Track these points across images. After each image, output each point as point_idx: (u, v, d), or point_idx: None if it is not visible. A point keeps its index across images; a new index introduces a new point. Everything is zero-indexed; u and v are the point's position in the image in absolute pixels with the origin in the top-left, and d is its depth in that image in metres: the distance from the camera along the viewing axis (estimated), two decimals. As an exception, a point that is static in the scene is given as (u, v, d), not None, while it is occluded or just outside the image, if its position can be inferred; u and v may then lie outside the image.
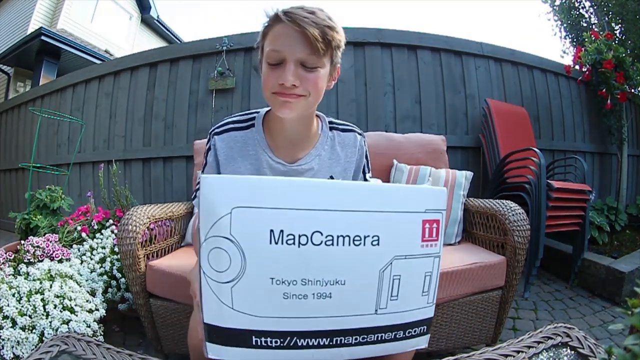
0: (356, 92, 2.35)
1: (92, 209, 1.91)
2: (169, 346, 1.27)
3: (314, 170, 0.78)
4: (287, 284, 0.43)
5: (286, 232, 0.43)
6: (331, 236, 0.44)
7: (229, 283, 0.43)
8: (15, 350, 0.99)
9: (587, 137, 2.96)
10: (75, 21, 7.31)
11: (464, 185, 1.62)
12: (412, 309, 0.49)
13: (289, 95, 0.66)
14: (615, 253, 2.11)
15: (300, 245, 0.43)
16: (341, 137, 0.82)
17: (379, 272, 0.46)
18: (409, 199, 0.47)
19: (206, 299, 0.44)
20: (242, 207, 0.42)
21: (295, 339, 0.45)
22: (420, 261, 0.48)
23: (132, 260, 1.16)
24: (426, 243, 0.48)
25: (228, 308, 0.43)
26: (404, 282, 0.47)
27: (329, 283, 0.44)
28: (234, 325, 0.44)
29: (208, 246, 0.43)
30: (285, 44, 0.64)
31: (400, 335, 0.49)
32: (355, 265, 0.45)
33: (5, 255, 1.38)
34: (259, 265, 0.43)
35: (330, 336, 0.46)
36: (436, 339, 1.20)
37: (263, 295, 0.43)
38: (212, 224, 0.42)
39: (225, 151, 0.77)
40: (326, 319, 0.45)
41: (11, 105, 3.86)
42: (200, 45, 2.46)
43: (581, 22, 3.53)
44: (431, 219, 0.48)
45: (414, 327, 0.50)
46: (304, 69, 0.65)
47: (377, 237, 0.45)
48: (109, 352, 0.50)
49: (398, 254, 0.47)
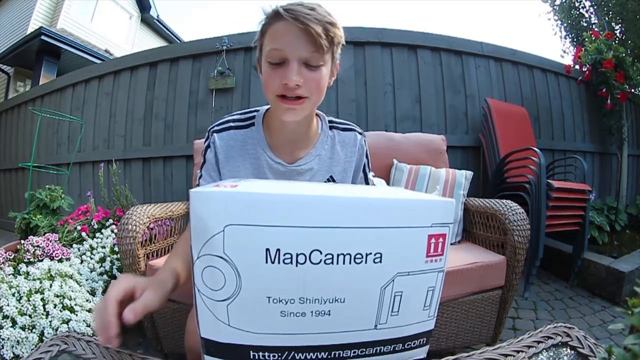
0: (356, 92, 2.35)
1: (92, 209, 1.91)
2: (169, 346, 1.27)
3: (313, 170, 0.76)
4: (285, 303, 0.42)
5: (283, 251, 0.40)
6: (331, 254, 0.41)
7: (224, 301, 0.41)
8: (15, 350, 0.99)
9: (587, 137, 2.96)
10: (75, 21, 7.31)
11: (463, 185, 1.62)
12: (412, 322, 0.48)
13: (293, 101, 0.64)
14: (615, 253, 2.11)
15: (298, 265, 0.41)
16: (341, 136, 0.80)
17: (380, 289, 0.44)
18: (415, 212, 0.45)
19: (202, 314, 0.43)
20: (236, 224, 0.40)
21: (293, 354, 0.44)
22: (424, 277, 0.46)
23: (132, 260, 1.16)
24: (431, 258, 0.46)
25: (224, 325, 0.42)
26: (405, 297, 0.46)
27: (328, 301, 0.43)
28: (230, 341, 0.43)
29: (201, 264, 0.41)
30: (287, 42, 0.61)
31: (400, 348, 0.48)
32: (356, 284, 0.43)
33: (5, 254, 1.38)
34: (255, 285, 0.41)
35: (328, 350, 0.45)
36: (436, 339, 1.20)
37: (260, 313, 0.42)
38: (204, 242, 0.40)
39: (224, 150, 0.75)
40: (324, 334, 0.44)
41: (11, 105, 3.87)
42: (200, 44, 2.46)
43: (581, 21, 3.53)
44: (437, 233, 0.45)
45: (413, 340, 0.49)
46: (307, 67, 0.63)
47: (379, 255, 0.43)
48: (109, 352, 0.50)
49: (401, 270, 0.44)
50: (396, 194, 0.50)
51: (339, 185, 0.59)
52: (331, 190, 0.47)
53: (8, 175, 3.83)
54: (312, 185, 0.60)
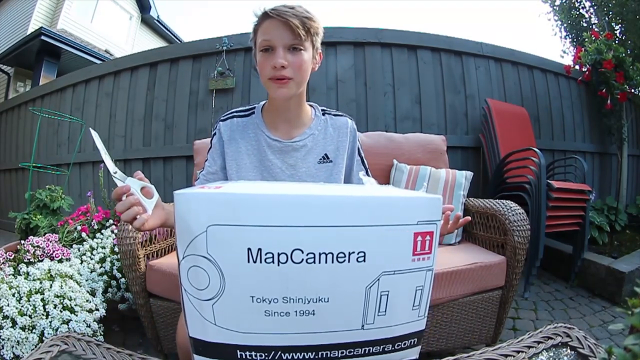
0: (356, 92, 2.35)
1: (92, 209, 1.91)
2: (169, 346, 1.27)
3: (307, 147, 0.87)
4: (268, 302, 0.42)
5: (264, 250, 0.41)
6: (313, 254, 0.41)
7: (209, 300, 0.42)
8: (15, 350, 0.99)
9: (587, 137, 2.96)
10: (75, 21, 7.31)
11: (464, 185, 1.62)
12: (401, 323, 0.47)
13: (281, 80, 0.79)
14: (615, 253, 2.11)
15: (279, 264, 0.41)
16: (334, 120, 0.92)
17: (365, 288, 0.44)
18: (399, 210, 0.44)
19: (189, 314, 0.43)
20: (218, 225, 0.40)
21: (280, 354, 0.44)
22: (411, 276, 0.46)
23: (132, 260, 1.16)
24: (418, 257, 0.45)
25: (211, 324, 0.42)
26: (392, 297, 0.45)
27: (312, 301, 0.43)
28: (217, 340, 0.43)
29: (186, 264, 0.42)
30: (273, 34, 0.77)
31: (389, 349, 0.48)
32: (339, 283, 0.43)
33: (5, 255, 1.38)
34: (239, 284, 0.42)
35: (315, 350, 0.45)
36: (436, 339, 1.20)
37: (244, 312, 0.42)
38: (188, 242, 0.41)
39: (228, 133, 0.88)
40: (310, 334, 0.44)
41: (11, 105, 3.87)
42: (200, 45, 2.46)
43: (581, 22, 3.52)
44: (424, 231, 0.45)
45: (403, 340, 0.48)
46: (290, 52, 0.78)
47: (363, 253, 0.43)
48: (109, 352, 0.50)
49: (386, 269, 0.44)
50: (381, 192, 0.49)
51: (326, 184, 0.59)
52: (313, 190, 0.47)
53: (8, 176, 3.83)
54: (297, 185, 0.60)
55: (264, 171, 0.86)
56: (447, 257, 1.24)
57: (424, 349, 1.19)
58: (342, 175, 0.90)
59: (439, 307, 1.17)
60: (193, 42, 2.55)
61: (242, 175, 0.85)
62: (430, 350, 1.21)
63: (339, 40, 2.33)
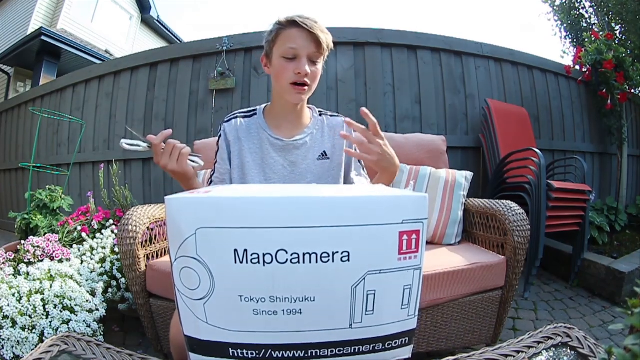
0: (356, 92, 2.35)
1: (92, 209, 1.91)
2: (169, 346, 1.27)
3: (307, 144, 0.94)
4: (256, 302, 0.44)
5: (250, 251, 0.42)
6: (297, 254, 0.43)
7: (201, 300, 0.44)
8: (15, 350, 0.99)
9: (587, 137, 2.96)
10: (76, 21, 7.31)
11: (464, 185, 1.61)
12: (390, 322, 0.47)
13: (302, 87, 0.86)
14: (615, 253, 2.11)
15: (265, 264, 0.43)
16: (330, 120, 0.99)
17: (351, 288, 0.45)
18: (384, 210, 0.45)
19: (183, 313, 0.45)
20: (206, 227, 0.42)
21: (270, 352, 0.45)
22: (398, 275, 0.46)
23: (132, 260, 1.16)
24: (404, 256, 0.46)
25: (203, 322, 0.44)
26: (379, 296, 0.46)
27: (298, 300, 0.44)
28: (210, 338, 0.45)
29: (178, 265, 0.44)
30: (300, 43, 0.83)
31: (380, 348, 0.48)
32: (324, 282, 0.44)
33: (5, 255, 1.38)
34: (227, 284, 0.43)
35: (305, 349, 0.46)
36: (436, 339, 1.20)
37: (234, 311, 0.44)
38: (179, 244, 0.43)
39: (233, 133, 0.94)
40: (298, 333, 0.45)
41: (11, 105, 3.87)
42: (200, 45, 2.46)
43: (581, 22, 3.53)
44: (409, 230, 0.45)
45: (394, 340, 0.49)
46: (310, 63, 0.85)
47: (346, 253, 0.43)
48: (109, 352, 0.50)
49: (371, 269, 0.45)
50: (367, 192, 0.50)
51: (315, 185, 0.60)
52: (298, 192, 0.48)
53: (8, 176, 3.83)
54: (284, 187, 0.62)
55: (266, 168, 0.92)
56: (447, 257, 1.24)
57: (424, 349, 1.20)
58: (341, 172, 0.97)
59: (439, 307, 1.17)
60: (193, 42, 2.55)
61: (245, 172, 0.92)
62: (430, 350, 1.21)
63: (339, 41, 2.33)
